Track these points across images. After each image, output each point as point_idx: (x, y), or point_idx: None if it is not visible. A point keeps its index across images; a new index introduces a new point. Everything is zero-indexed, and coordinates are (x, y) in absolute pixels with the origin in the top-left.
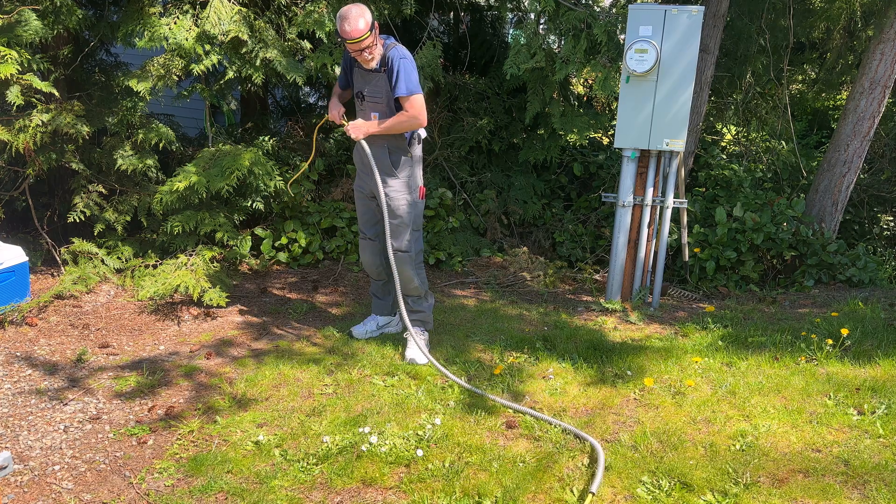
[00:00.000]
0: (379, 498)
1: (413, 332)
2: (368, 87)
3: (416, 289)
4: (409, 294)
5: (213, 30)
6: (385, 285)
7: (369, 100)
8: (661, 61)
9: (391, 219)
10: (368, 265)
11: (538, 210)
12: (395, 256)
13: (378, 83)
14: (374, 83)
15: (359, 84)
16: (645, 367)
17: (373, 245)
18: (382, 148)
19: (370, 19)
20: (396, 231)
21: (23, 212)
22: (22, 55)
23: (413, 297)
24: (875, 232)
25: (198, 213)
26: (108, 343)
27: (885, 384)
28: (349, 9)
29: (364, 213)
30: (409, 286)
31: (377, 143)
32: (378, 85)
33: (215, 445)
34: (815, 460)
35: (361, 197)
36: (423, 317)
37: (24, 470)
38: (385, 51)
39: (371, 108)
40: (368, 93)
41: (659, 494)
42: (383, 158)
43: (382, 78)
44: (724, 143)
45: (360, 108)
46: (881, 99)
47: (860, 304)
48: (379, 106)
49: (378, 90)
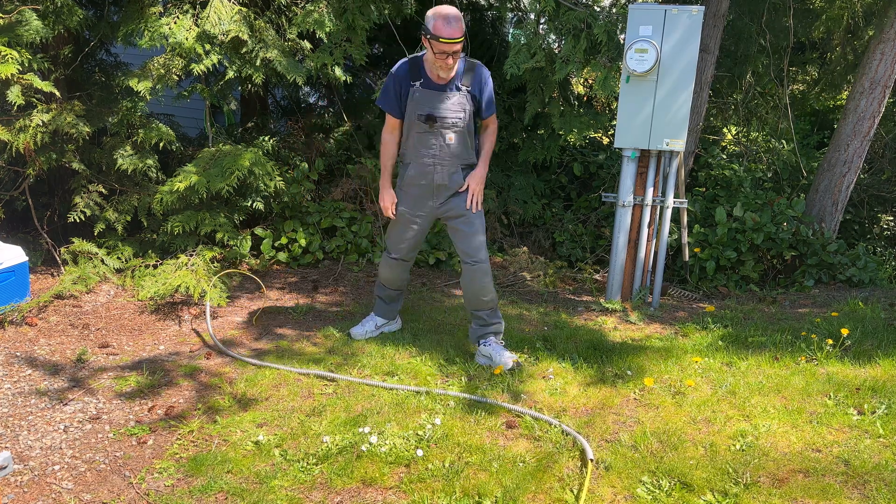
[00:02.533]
0: (379, 498)
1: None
2: (442, 107)
3: (494, 299)
4: (486, 307)
5: (213, 30)
6: (402, 293)
7: (444, 122)
8: (661, 61)
9: (480, 235)
10: (400, 282)
11: (538, 210)
12: (479, 269)
13: (457, 101)
14: (450, 102)
15: (424, 106)
16: (645, 366)
17: (408, 265)
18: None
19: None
20: (482, 245)
21: (23, 212)
22: (22, 55)
23: (490, 309)
24: (875, 232)
25: (198, 214)
26: (108, 343)
27: (885, 384)
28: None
29: (413, 237)
30: (490, 297)
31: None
32: (457, 103)
33: (215, 445)
34: (815, 460)
35: (415, 222)
36: (500, 327)
37: (24, 470)
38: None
39: (446, 130)
40: (443, 113)
41: (659, 494)
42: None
43: (463, 95)
44: (724, 143)
45: (422, 132)
46: (881, 99)
47: (860, 304)
48: (457, 127)
49: (457, 109)
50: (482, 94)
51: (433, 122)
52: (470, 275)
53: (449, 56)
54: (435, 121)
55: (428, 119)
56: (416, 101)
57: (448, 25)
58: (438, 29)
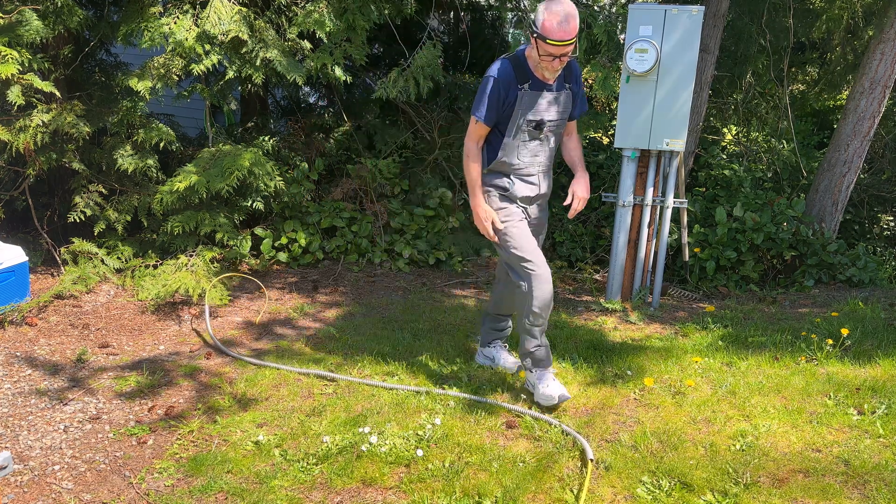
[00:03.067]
0: (379, 498)
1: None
2: (553, 110)
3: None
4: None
5: (213, 29)
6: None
7: (551, 126)
8: (661, 61)
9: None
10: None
11: None
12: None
13: (563, 101)
14: (559, 103)
15: (535, 111)
16: (645, 366)
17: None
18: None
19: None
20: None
21: (23, 212)
22: (23, 55)
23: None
24: (875, 232)
25: (198, 214)
26: (107, 343)
27: (885, 384)
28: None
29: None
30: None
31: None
32: (564, 103)
33: (215, 445)
34: (815, 460)
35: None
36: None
37: (24, 470)
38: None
39: (551, 135)
40: (553, 117)
41: (659, 494)
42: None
43: (567, 94)
44: (724, 143)
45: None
46: (881, 99)
47: (860, 304)
48: (560, 129)
49: (563, 110)
50: (578, 91)
51: (542, 128)
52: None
53: (556, 59)
54: (544, 126)
55: (538, 126)
56: (525, 106)
57: (560, 25)
58: (548, 28)
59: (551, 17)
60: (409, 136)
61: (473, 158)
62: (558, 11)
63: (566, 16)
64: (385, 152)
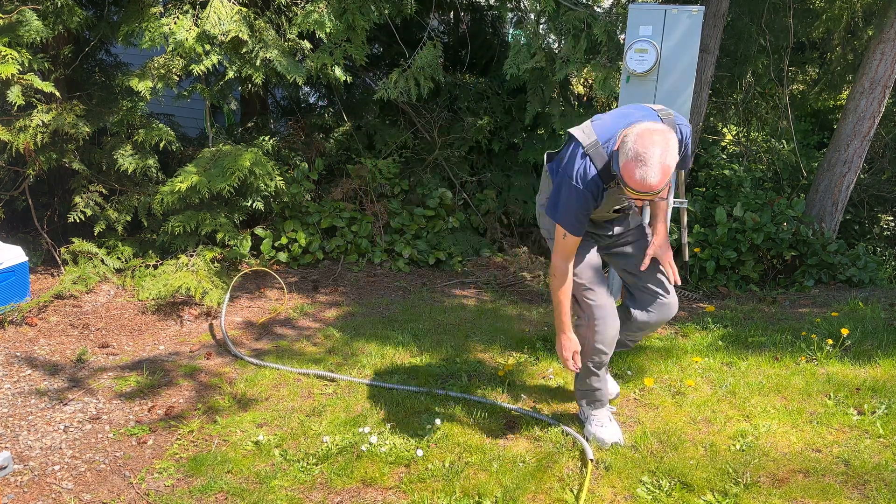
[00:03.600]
0: (379, 498)
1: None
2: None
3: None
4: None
5: (213, 30)
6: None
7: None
8: (661, 61)
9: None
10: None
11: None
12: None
13: None
14: None
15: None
16: (645, 367)
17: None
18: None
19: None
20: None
21: (23, 212)
22: (23, 55)
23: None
24: (875, 232)
25: (198, 214)
26: (107, 343)
27: (885, 384)
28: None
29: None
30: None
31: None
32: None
33: (215, 445)
34: (815, 460)
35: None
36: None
37: (24, 470)
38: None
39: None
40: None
41: (659, 494)
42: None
43: None
44: (724, 143)
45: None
46: (881, 99)
47: (860, 304)
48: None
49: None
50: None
51: (627, 210)
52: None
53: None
54: (629, 208)
55: (619, 210)
56: (612, 201)
57: (643, 177)
58: (628, 175)
59: (635, 162)
60: (409, 136)
61: (563, 280)
62: (645, 157)
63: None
64: (385, 152)
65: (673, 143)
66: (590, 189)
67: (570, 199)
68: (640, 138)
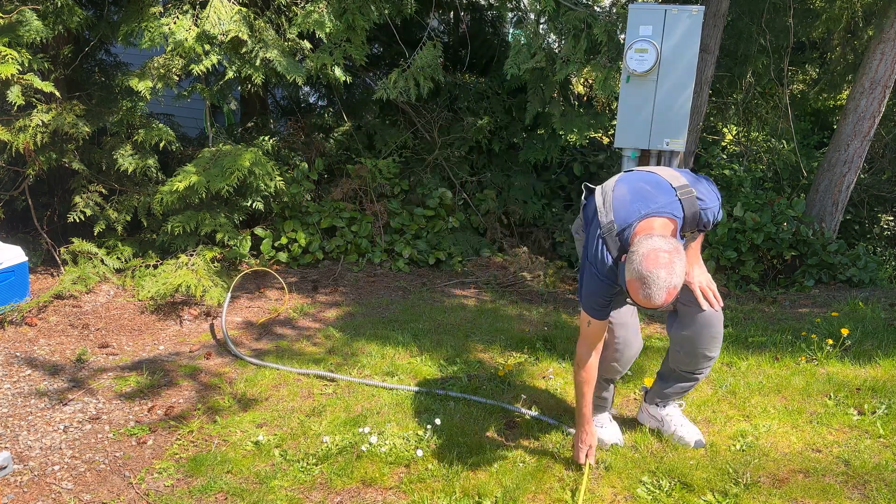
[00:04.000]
0: (379, 498)
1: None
2: None
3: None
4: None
5: (213, 30)
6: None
7: None
8: (661, 61)
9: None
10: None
11: (538, 210)
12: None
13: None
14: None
15: None
16: (645, 366)
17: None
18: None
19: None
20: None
21: (23, 212)
22: (22, 55)
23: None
24: (875, 232)
25: (198, 214)
26: (107, 343)
27: (885, 384)
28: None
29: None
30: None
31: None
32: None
33: (215, 445)
34: (815, 460)
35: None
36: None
37: (24, 470)
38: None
39: None
40: None
41: (659, 494)
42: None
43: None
44: (724, 143)
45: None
46: (881, 99)
47: (860, 304)
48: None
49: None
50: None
51: None
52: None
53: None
54: None
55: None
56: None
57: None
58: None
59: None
60: (409, 136)
61: (587, 370)
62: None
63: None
64: (385, 152)
65: (679, 264)
66: (609, 277)
67: (590, 285)
68: (646, 259)
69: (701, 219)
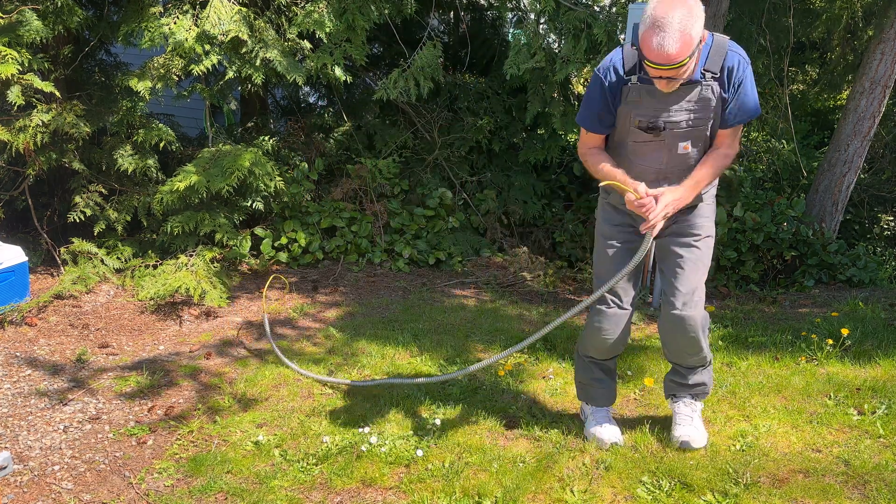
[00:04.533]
0: (379, 498)
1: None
2: (675, 108)
3: (705, 357)
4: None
5: (213, 30)
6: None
7: (677, 127)
8: None
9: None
10: (614, 343)
11: (538, 210)
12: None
13: (696, 96)
14: (686, 99)
15: (644, 109)
16: (645, 366)
17: (626, 315)
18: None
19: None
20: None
21: (23, 212)
22: (22, 55)
23: (700, 367)
24: (875, 232)
25: (198, 214)
26: (107, 343)
27: (885, 384)
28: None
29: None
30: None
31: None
32: (697, 100)
33: (215, 445)
34: (815, 460)
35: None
36: (706, 388)
37: (24, 470)
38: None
39: (680, 137)
40: (675, 116)
41: (659, 494)
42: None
43: (706, 87)
44: None
45: (642, 141)
46: (881, 99)
47: (860, 304)
48: (695, 132)
49: (696, 109)
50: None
51: (658, 132)
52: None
53: (662, 79)
54: (662, 130)
55: (650, 129)
56: (632, 103)
57: (661, 45)
58: (646, 45)
59: (650, 28)
60: (409, 136)
61: (592, 161)
62: (661, 21)
63: (669, 28)
64: (385, 152)
65: (698, 12)
66: (603, 74)
67: (587, 91)
68: (660, 4)
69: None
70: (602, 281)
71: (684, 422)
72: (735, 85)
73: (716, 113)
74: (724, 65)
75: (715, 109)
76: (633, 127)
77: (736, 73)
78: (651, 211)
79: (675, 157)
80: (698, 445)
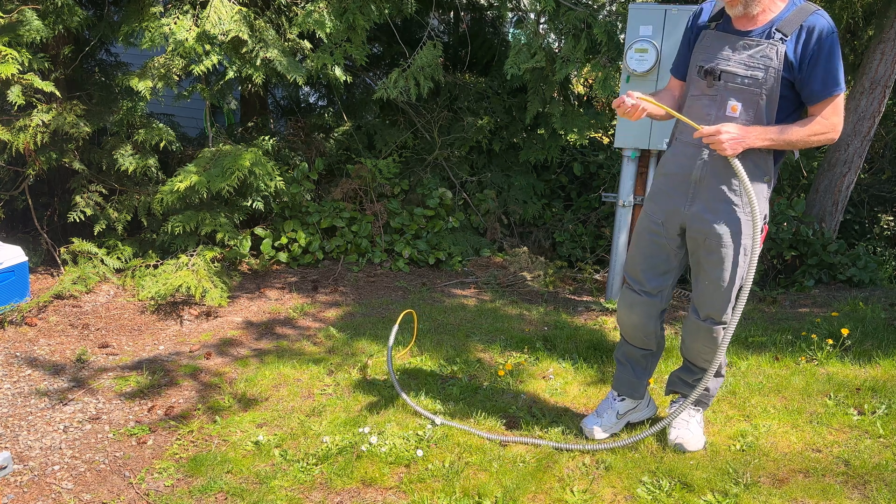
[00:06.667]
0: (379, 498)
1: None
2: (734, 58)
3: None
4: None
5: (214, 30)
6: (650, 357)
7: (730, 80)
8: (661, 61)
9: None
10: (637, 328)
11: (538, 210)
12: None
13: (758, 53)
14: (747, 52)
15: (709, 55)
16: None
17: (651, 303)
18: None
19: None
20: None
21: (23, 212)
22: (23, 55)
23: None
24: (875, 232)
25: (198, 214)
26: (107, 343)
27: (885, 384)
28: None
29: (653, 255)
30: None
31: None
32: (758, 56)
33: (215, 445)
34: (815, 460)
35: (658, 233)
36: (708, 395)
37: (24, 470)
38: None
39: (732, 94)
40: (731, 67)
41: (659, 494)
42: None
43: (770, 47)
44: None
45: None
46: (881, 99)
47: (860, 304)
48: (747, 93)
49: (754, 64)
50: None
51: (712, 79)
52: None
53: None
54: (716, 77)
55: (706, 74)
56: (702, 48)
57: None
58: None
59: None
60: (409, 135)
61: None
62: None
63: None
64: (385, 152)
65: None
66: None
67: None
68: None
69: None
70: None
71: (679, 425)
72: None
73: (775, 79)
74: (804, 26)
75: (775, 75)
76: (695, 75)
77: (815, 36)
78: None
79: (723, 118)
80: (692, 449)
